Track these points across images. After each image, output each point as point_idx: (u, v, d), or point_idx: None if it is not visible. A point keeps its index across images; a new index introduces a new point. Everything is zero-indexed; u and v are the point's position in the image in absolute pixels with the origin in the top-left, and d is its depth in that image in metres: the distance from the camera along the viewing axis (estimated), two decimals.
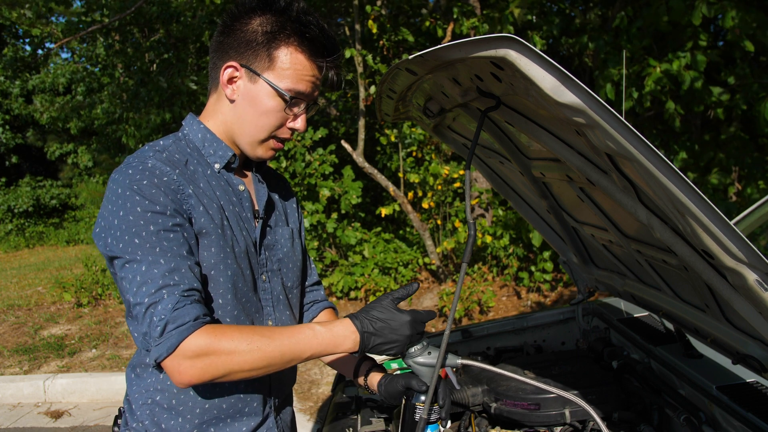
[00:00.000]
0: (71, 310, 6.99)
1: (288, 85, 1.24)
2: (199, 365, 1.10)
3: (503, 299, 5.87)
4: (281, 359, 1.16)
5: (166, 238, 1.15)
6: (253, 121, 1.28)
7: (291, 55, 1.24)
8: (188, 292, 1.13)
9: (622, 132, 0.91)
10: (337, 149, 6.79)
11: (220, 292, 1.25)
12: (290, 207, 1.55)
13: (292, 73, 1.24)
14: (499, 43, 0.88)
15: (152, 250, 1.13)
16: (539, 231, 2.18)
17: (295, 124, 1.30)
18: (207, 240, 1.23)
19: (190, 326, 1.09)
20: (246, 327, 1.19)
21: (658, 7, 4.41)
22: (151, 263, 1.12)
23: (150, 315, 1.10)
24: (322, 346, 1.19)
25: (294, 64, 1.24)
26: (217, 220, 1.25)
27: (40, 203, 14.88)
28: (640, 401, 1.71)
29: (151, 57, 7.96)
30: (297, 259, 1.49)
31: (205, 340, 1.10)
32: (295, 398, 4.36)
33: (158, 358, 1.09)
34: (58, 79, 14.49)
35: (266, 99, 1.25)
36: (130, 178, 1.17)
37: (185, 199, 1.20)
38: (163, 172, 1.20)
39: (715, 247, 0.96)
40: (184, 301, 1.11)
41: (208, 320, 1.14)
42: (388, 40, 6.43)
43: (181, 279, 1.13)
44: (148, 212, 1.15)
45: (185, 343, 1.09)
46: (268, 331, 1.18)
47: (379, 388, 1.46)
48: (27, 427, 4.33)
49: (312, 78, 1.26)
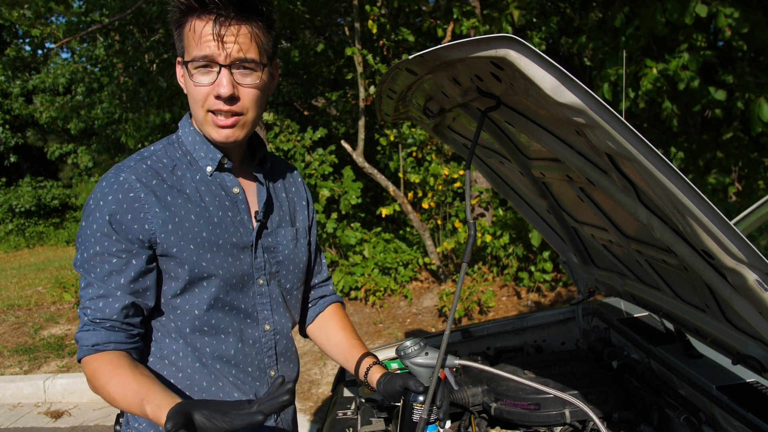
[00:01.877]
0: (71, 310, 6.99)
1: (191, 55, 1.22)
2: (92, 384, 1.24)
3: (503, 299, 5.87)
4: (127, 407, 1.20)
5: (108, 262, 1.22)
6: (191, 105, 1.28)
7: (188, 27, 1.22)
8: (99, 320, 1.22)
9: (622, 132, 0.91)
10: (336, 149, 6.78)
11: (196, 303, 1.27)
12: (299, 205, 1.52)
13: (191, 42, 1.22)
14: (499, 43, 0.88)
15: (92, 270, 1.23)
16: (539, 231, 2.18)
17: (218, 90, 1.21)
18: (179, 257, 1.24)
19: (85, 350, 1.22)
20: (120, 368, 1.20)
21: (654, 9, 4.41)
22: (87, 283, 1.24)
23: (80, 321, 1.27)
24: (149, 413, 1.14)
25: (189, 33, 1.22)
26: (193, 233, 1.25)
27: (41, 203, 14.87)
28: (640, 401, 1.71)
29: (151, 57, 7.95)
30: (300, 260, 1.47)
31: (89, 369, 1.22)
32: (296, 398, 4.36)
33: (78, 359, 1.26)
34: (58, 79, 14.48)
35: (187, 77, 1.25)
36: (101, 192, 1.23)
37: (149, 219, 1.23)
38: (131, 188, 1.22)
39: (715, 247, 0.96)
40: (89, 326, 1.22)
41: (110, 348, 1.22)
42: (388, 40, 6.43)
43: (103, 306, 1.22)
44: (98, 232, 1.21)
45: (84, 362, 1.24)
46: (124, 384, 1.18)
47: (379, 386, 1.47)
48: (27, 427, 4.33)
49: (207, 37, 1.19)
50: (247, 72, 1.23)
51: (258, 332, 1.37)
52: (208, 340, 1.30)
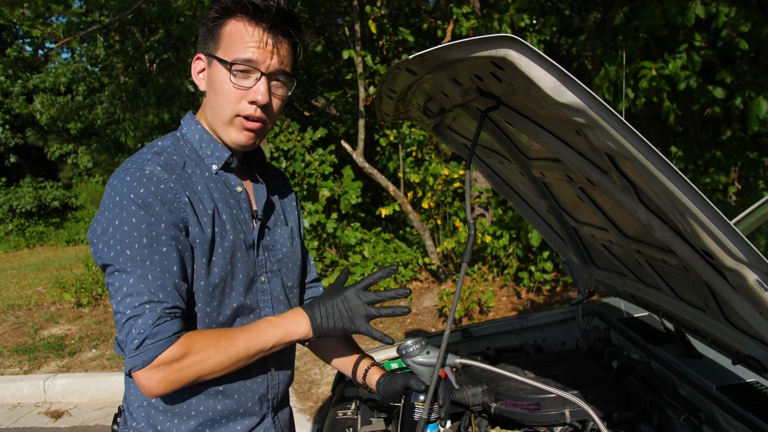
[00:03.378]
0: (71, 310, 6.99)
1: (233, 56, 1.23)
2: (173, 377, 1.17)
3: (503, 299, 5.87)
4: (246, 354, 1.24)
5: (158, 252, 1.17)
6: (216, 103, 1.27)
7: (232, 26, 1.23)
8: (170, 309, 1.17)
9: (622, 132, 0.91)
10: (336, 149, 6.78)
11: (208, 300, 1.27)
12: (290, 205, 1.55)
13: (235, 43, 1.22)
14: (499, 43, 0.88)
15: (142, 263, 1.16)
16: (539, 231, 2.18)
17: (255, 96, 1.24)
18: (198, 250, 1.24)
19: (167, 341, 1.15)
20: (212, 332, 1.24)
21: (654, 9, 4.41)
22: (140, 276, 1.16)
23: (129, 326, 1.15)
24: (279, 333, 1.27)
25: (234, 33, 1.23)
26: (208, 229, 1.25)
27: (42, 204, 14.87)
28: (640, 401, 1.71)
29: (150, 57, 7.95)
30: (297, 259, 1.49)
31: (178, 351, 1.16)
32: (296, 398, 4.36)
33: (133, 369, 1.15)
34: (59, 79, 14.49)
35: (220, 75, 1.25)
36: (127, 186, 1.18)
37: (181, 208, 1.22)
38: (161, 180, 1.20)
39: (715, 247, 0.96)
40: (165, 317, 1.16)
41: (184, 333, 1.19)
42: (387, 40, 6.43)
43: (166, 297, 1.17)
44: (142, 224, 1.17)
45: (161, 357, 1.15)
46: (231, 331, 1.25)
47: (378, 387, 1.47)
48: (27, 427, 4.33)
49: (258, 43, 1.22)
50: (280, 84, 1.29)
51: None
52: None
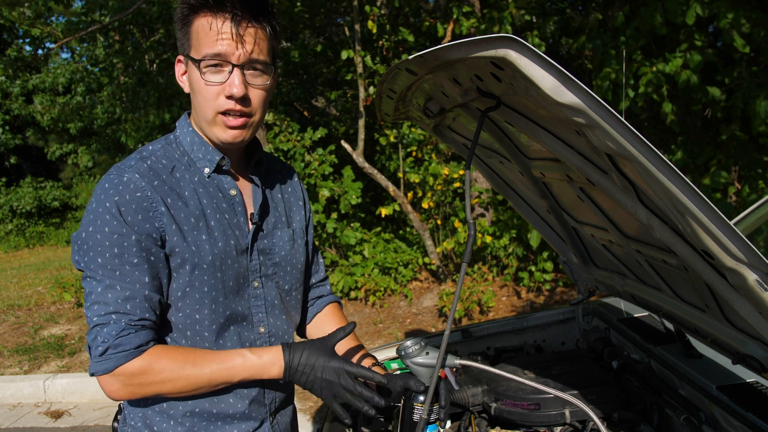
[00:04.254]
0: (71, 310, 6.99)
1: (202, 53, 1.20)
2: (130, 389, 1.19)
3: (503, 299, 5.87)
4: (209, 384, 1.23)
5: (129, 263, 1.18)
6: (198, 104, 1.26)
7: (198, 24, 1.21)
8: (137, 321, 1.18)
9: (622, 132, 0.91)
10: (336, 149, 6.78)
11: (197, 307, 1.26)
12: (296, 205, 1.52)
13: (203, 39, 1.20)
14: (499, 43, 0.88)
15: (112, 273, 1.17)
16: (539, 231, 2.18)
17: (231, 90, 1.20)
18: (180, 258, 1.23)
19: (129, 354, 1.16)
20: (181, 353, 1.23)
21: (654, 9, 4.41)
22: (108, 287, 1.17)
23: (95, 333, 1.17)
24: (249, 372, 1.25)
25: (201, 30, 1.21)
26: (192, 236, 1.24)
27: (42, 204, 14.87)
28: (640, 401, 1.71)
29: (151, 57, 7.95)
30: (297, 261, 1.47)
31: (139, 367, 1.17)
32: (296, 398, 4.35)
33: (94, 374, 1.18)
34: (58, 79, 14.48)
35: (195, 75, 1.23)
36: (105, 194, 1.19)
37: (157, 217, 1.21)
38: (138, 188, 1.20)
39: (715, 247, 0.96)
40: (129, 329, 1.16)
41: (151, 346, 1.19)
42: (387, 40, 6.43)
43: (133, 308, 1.17)
44: (114, 234, 1.17)
45: (120, 368, 1.16)
46: (201, 358, 1.23)
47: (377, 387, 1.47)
48: (27, 427, 4.33)
49: (224, 35, 1.18)
50: (257, 73, 1.24)
51: (253, 335, 1.36)
52: (207, 345, 1.30)
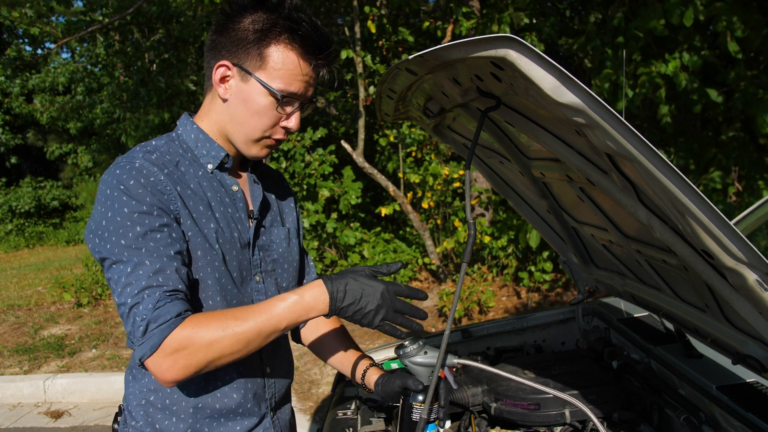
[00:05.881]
0: (71, 310, 6.99)
1: (280, 85, 1.22)
2: (181, 362, 1.11)
3: (503, 299, 5.87)
4: (259, 336, 1.16)
5: (153, 239, 1.16)
6: (246, 121, 1.26)
7: (282, 53, 1.22)
8: (170, 292, 1.14)
9: (622, 132, 0.91)
10: (336, 149, 6.78)
11: (210, 294, 1.26)
12: (287, 207, 1.54)
13: (284, 73, 1.22)
14: (499, 43, 0.88)
15: (138, 251, 1.15)
16: (539, 231, 2.18)
17: (289, 123, 1.28)
18: (192, 244, 1.23)
19: (171, 323, 1.11)
20: (220, 313, 1.18)
21: (654, 9, 4.41)
22: (137, 264, 1.14)
23: (133, 315, 1.12)
24: (295, 313, 1.18)
25: (285, 63, 1.22)
26: (201, 224, 1.25)
27: (41, 204, 14.87)
28: (640, 401, 1.71)
29: (151, 57, 7.96)
30: (293, 260, 1.48)
31: (185, 335, 1.11)
32: (295, 398, 4.36)
33: (142, 357, 1.11)
34: (58, 79, 14.48)
35: (258, 98, 1.24)
36: (117, 178, 1.18)
37: (172, 200, 1.21)
38: (150, 172, 1.20)
39: (715, 247, 0.96)
40: (164, 299, 1.12)
41: (189, 315, 1.15)
42: (387, 40, 6.43)
43: (165, 280, 1.14)
44: (134, 213, 1.16)
45: (167, 340, 1.10)
46: (242, 312, 1.18)
47: (376, 387, 1.47)
48: (27, 427, 4.33)
49: (304, 77, 1.24)
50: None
51: None
52: None
